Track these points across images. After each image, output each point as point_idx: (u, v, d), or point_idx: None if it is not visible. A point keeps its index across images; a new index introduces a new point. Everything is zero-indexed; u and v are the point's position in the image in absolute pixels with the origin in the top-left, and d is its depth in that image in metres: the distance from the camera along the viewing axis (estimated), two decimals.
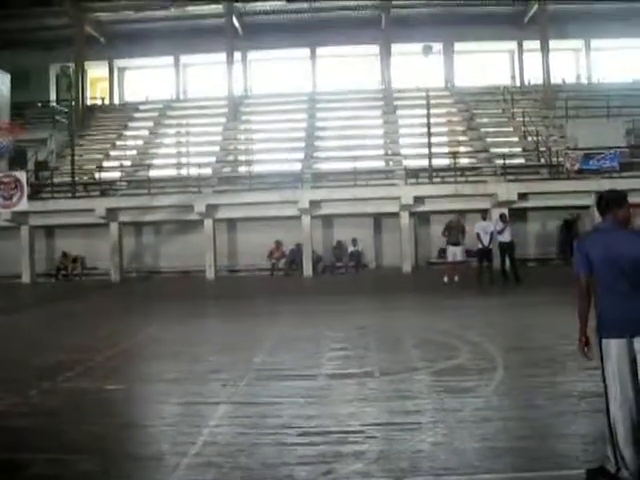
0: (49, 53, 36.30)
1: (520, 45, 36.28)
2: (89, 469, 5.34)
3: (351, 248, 27.44)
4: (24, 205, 22.57)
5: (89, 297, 21.94)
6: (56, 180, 29.74)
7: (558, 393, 7.23)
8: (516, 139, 31.07)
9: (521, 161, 29.55)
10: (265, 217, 26.57)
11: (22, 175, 22.95)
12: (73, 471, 5.30)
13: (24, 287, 26.30)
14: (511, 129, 31.70)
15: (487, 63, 37.42)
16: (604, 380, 4.67)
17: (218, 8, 33.86)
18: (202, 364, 9.53)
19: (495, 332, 11.23)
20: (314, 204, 25.97)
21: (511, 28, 34.57)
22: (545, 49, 32.78)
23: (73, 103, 34.55)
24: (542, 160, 28.22)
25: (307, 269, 26.35)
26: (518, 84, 36.04)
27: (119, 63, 38.78)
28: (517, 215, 25.11)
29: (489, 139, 31.03)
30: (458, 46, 36.46)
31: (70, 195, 28.11)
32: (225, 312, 16.15)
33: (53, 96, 37.88)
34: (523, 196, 24.99)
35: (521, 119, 30.92)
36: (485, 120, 32.76)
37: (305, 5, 34.17)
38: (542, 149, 28.41)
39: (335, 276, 26.41)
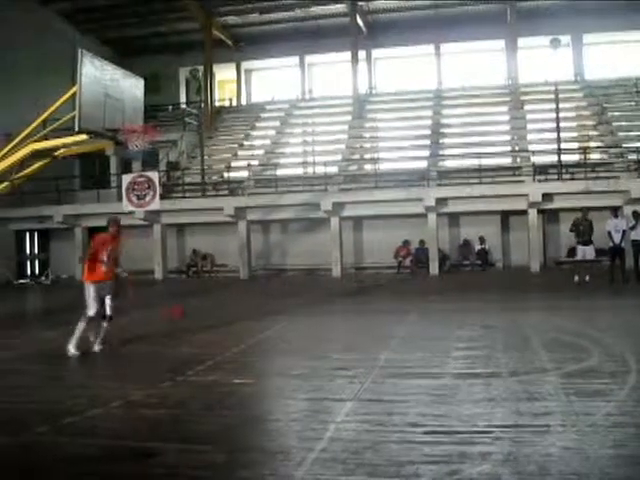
0: (179, 57, 37.69)
1: None
2: (216, 460, 5.46)
3: (478, 246, 27.10)
4: (156, 204, 23.40)
5: (219, 293, 22.49)
6: (186, 180, 30.77)
7: None
8: None
9: None
10: (391, 215, 26.55)
11: (155, 175, 23.84)
12: (201, 461, 5.43)
13: (157, 283, 27.30)
14: None
15: (619, 54, 35.99)
16: None
17: (342, 7, 34.14)
18: (328, 360, 9.59)
19: (628, 334, 10.78)
20: (440, 202, 25.76)
21: None
22: None
23: (202, 105, 35.74)
24: None
25: (433, 267, 26.18)
26: None
27: (246, 65, 39.73)
28: None
29: (621, 133, 29.87)
30: (587, 38, 35.32)
31: (200, 194, 28.98)
32: (351, 309, 16.23)
33: (183, 98, 39.26)
34: None
35: None
36: (617, 114, 31.57)
37: (428, 1, 33.96)
38: None
39: (462, 275, 26.13)
